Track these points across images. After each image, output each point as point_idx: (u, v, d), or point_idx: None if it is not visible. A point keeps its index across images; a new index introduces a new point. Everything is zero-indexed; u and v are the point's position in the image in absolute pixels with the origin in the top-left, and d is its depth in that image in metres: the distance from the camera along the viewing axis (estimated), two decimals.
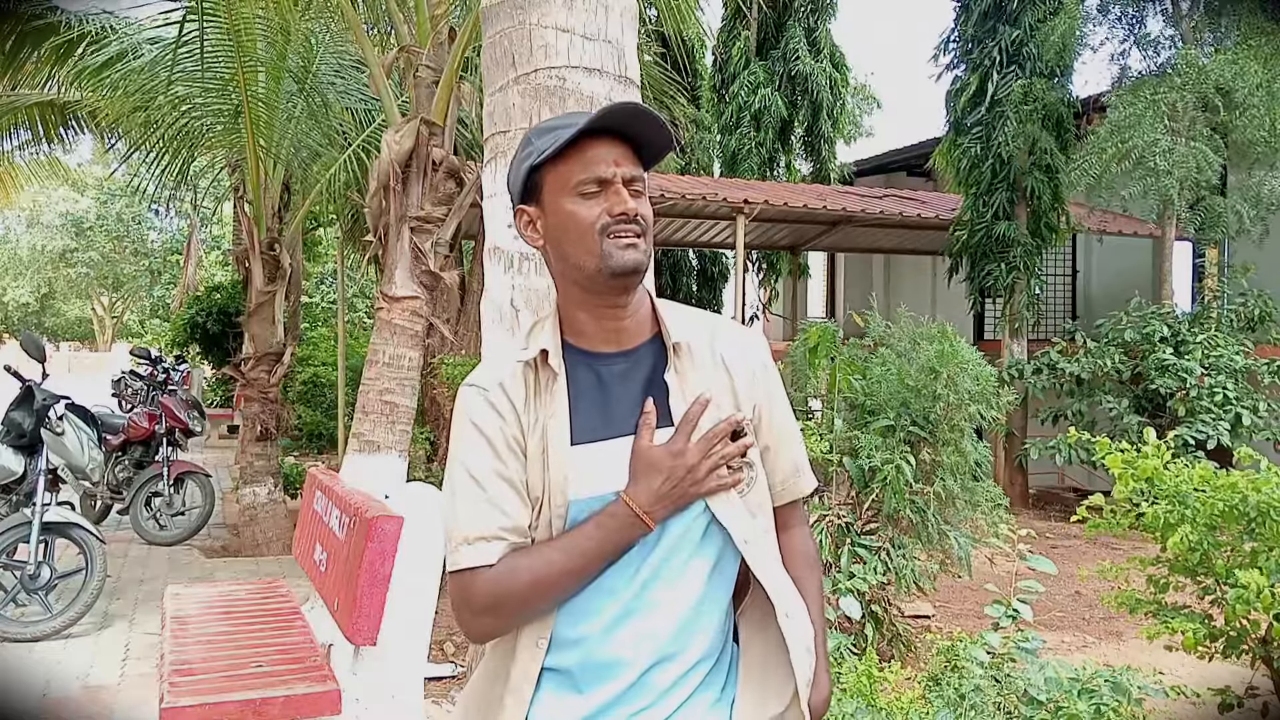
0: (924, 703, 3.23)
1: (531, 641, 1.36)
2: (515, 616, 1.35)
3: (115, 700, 4.33)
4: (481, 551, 1.33)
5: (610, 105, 1.38)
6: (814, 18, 14.47)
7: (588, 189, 1.37)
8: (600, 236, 1.36)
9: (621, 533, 1.29)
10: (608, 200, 1.36)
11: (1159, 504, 3.42)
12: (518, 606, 1.33)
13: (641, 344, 1.44)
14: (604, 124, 1.36)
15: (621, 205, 1.36)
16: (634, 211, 1.36)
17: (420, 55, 5.56)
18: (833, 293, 17.28)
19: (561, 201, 1.39)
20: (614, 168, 1.37)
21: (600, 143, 1.37)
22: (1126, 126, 8.54)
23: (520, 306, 2.78)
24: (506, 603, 1.33)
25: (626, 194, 1.37)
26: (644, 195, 1.41)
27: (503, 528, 1.33)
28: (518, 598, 1.32)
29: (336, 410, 10.86)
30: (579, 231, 1.37)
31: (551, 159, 1.38)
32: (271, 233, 7.57)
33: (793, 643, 1.42)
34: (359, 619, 2.99)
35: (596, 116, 1.36)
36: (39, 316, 41.46)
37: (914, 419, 4.69)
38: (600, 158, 1.37)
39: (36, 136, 10.58)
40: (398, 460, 5.24)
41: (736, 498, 1.40)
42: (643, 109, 1.38)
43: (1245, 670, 3.60)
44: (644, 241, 1.38)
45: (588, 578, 1.31)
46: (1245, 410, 8.32)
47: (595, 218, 1.36)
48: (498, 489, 1.35)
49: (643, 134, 1.39)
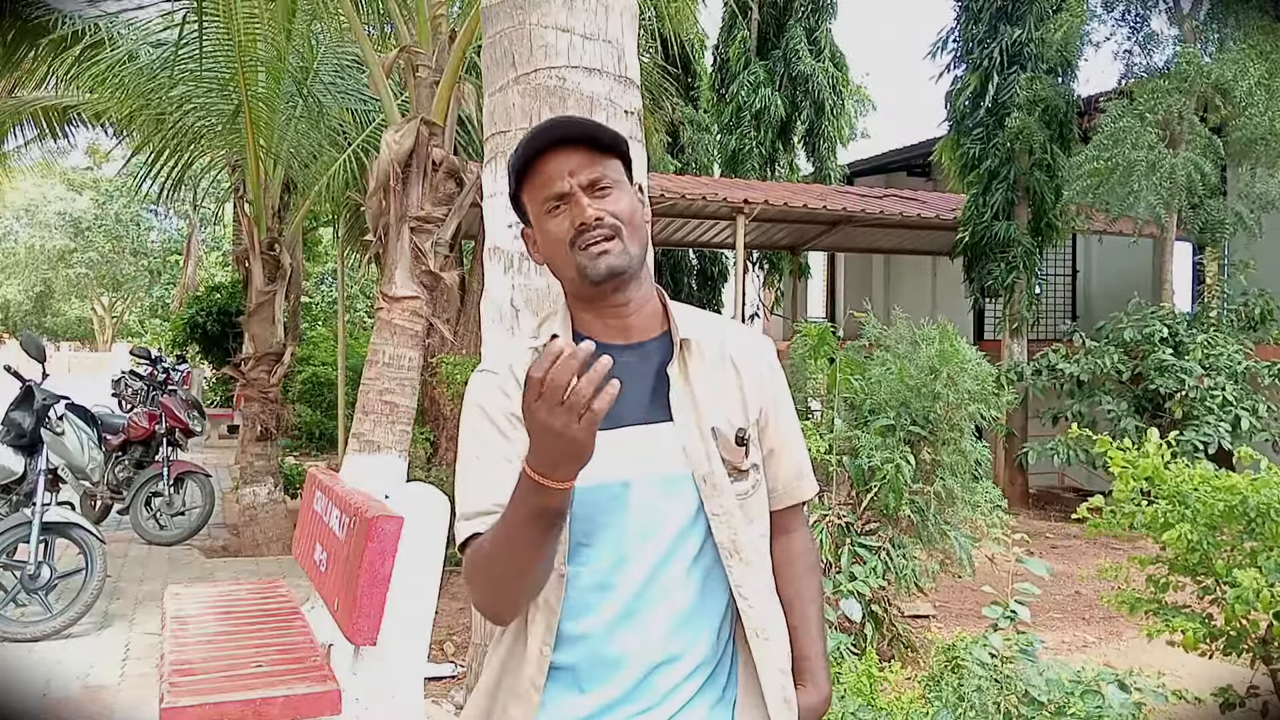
0: (924, 703, 3.23)
1: (537, 647, 1.36)
2: (487, 590, 1.31)
3: (115, 700, 4.33)
4: (474, 526, 1.34)
5: (531, 130, 1.39)
6: (814, 18, 14.47)
7: (553, 205, 1.38)
8: (573, 250, 1.37)
9: (529, 497, 1.17)
10: (570, 213, 1.37)
11: (1159, 503, 3.42)
12: (482, 578, 1.30)
13: (651, 339, 1.44)
14: (540, 144, 1.37)
15: (580, 215, 1.35)
16: (593, 217, 1.35)
17: (420, 55, 5.56)
18: (833, 293, 17.28)
19: (540, 221, 1.41)
20: (568, 179, 1.36)
21: (553, 156, 1.37)
22: (1119, 138, 8.55)
23: (520, 306, 2.79)
24: (474, 575, 1.32)
25: (585, 202, 1.36)
26: (614, 190, 1.38)
27: (497, 503, 1.30)
28: (478, 568, 1.30)
29: (336, 410, 10.86)
30: (556, 248, 1.39)
31: (521, 183, 1.41)
32: (271, 233, 7.57)
33: (762, 667, 1.42)
34: (359, 619, 2.99)
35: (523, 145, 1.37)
36: (38, 316, 41.45)
37: (914, 418, 4.69)
38: (553, 173, 1.37)
39: (41, 134, 10.57)
40: (398, 460, 5.24)
41: (734, 498, 1.40)
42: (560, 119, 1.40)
43: (1245, 670, 3.60)
44: (619, 241, 1.37)
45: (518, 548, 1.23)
46: (1244, 412, 8.31)
47: (564, 233, 1.37)
48: (497, 468, 1.34)
49: (588, 132, 1.38)
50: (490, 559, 1.27)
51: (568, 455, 1.12)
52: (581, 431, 1.09)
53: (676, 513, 1.38)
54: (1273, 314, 9.29)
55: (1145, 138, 8.46)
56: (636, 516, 1.37)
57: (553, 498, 1.16)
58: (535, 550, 1.23)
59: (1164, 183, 8.41)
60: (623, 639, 1.36)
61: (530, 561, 1.25)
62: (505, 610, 1.35)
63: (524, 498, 1.18)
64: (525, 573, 1.27)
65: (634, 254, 1.39)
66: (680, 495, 1.39)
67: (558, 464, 1.13)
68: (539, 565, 1.26)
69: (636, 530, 1.37)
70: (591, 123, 1.40)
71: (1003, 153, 9.78)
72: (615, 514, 1.36)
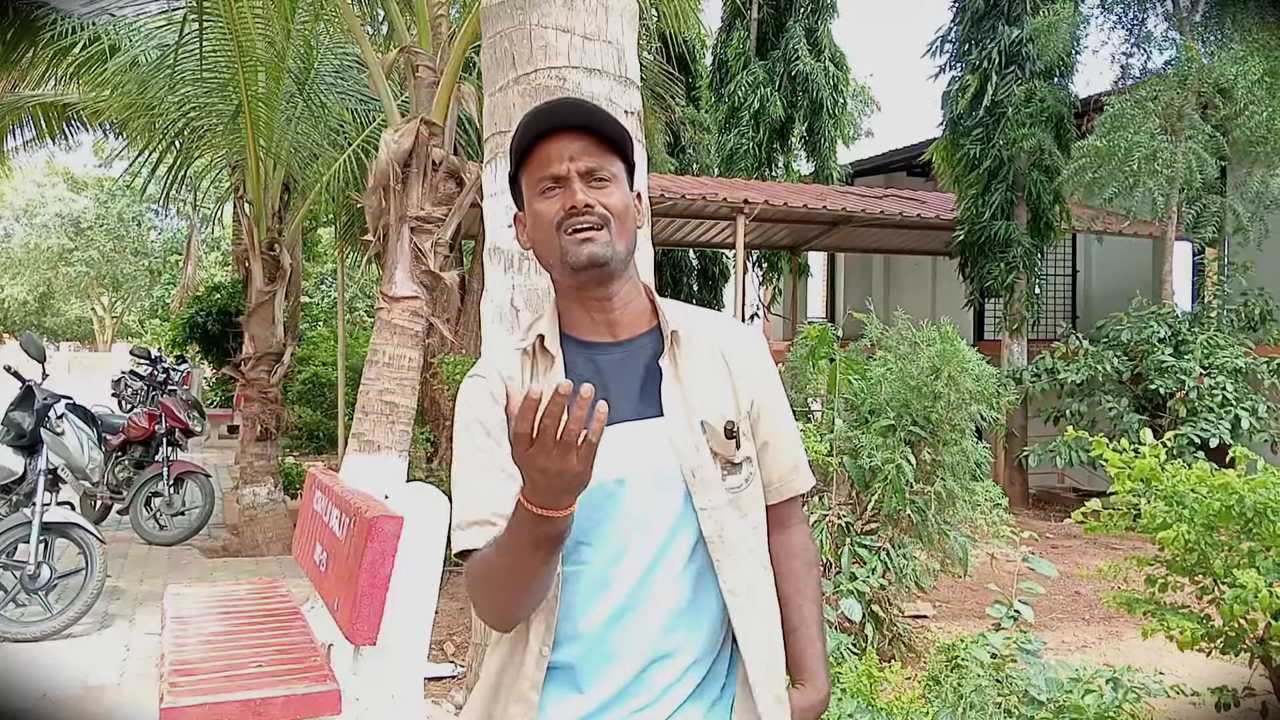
0: (924, 703, 3.23)
1: (537, 647, 1.36)
2: (489, 606, 1.32)
3: (115, 700, 4.33)
4: (471, 536, 1.34)
5: (536, 108, 1.38)
6: (814, 17, 14.46)
7: (546, 186, 1.38)
8: (558, 233, 1.37)
9: (531, 528, 1.18)
10: (562, 196, 1.36)
11: (1156, 503, 3.43)
12: (483, 595, 1.32)
13: (639, 335, 1.44)
14: (548, 124, 1.36)
15: (571, 198, 1.35)
16: (584, 203, 1.35)
17: (420, 55, 5.56)
18: (833, 293, 17.28)
19: (532, 203, 1.41)
20: (568, 163, 1.36)
21: (557, 139, 1.37)
22: (1118, 129, 8.54)
23: (520, 306, 2.79)
24: (475, 590, 1.33)
25: (577, 186, 1.36)
26: (610, 183, 1.38)
27: (495, 512, 1.31)
28: (479, 585, 1.31)
29: (336, 410, 10.87)
30: (543, 230, 1.39)
31: (520, 163, 1.40)
32: (271, 233, 7.57)
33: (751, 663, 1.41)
34: (359, 619, 2.99)
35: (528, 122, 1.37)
36: (38, 316, 41.44)
37: (914, 419, 4.70)
38: (555, 154, 1.37)
39: (41, 135, 10.57)
40: (398, 460, 5.24)
41: (723, 492, 1.39)
42: (569, 102, 1.38)
43: (1243, 669, 3.61)
44: (605, 233, 1.36)
45: (522, 571, 1.24)
46: (1244, 412, 8.32)
47: (554, 215, 1.37)
48: (492, 475, 1.35)
49: (598, 123, 1.38)
50: (490, 578, 1.28)
51: (569, 489, 1.13)
52: (580, 464, 1.10)
53: (669, 508, 1.38)
54: (1273, 314, 9.29)
55: (1148, 124, 8.46)
56: (632, 512, 1.36)
57: (556, 525, 1.17)
58: (538, 570, 1.24)
59: (1164, 170, 8.40)
60: (618, 636, 1.36)
61: (533, 580, 1.26)
62: (508, 622, 1.36)
63: (525, 527, 1.18)
64: (528, 590, 1.28)
65: (619, 249, 1.38)
66: (672, 490, 1.38)
67: (559, 496, 1.14)
68: (541, 582, 1.27)
69: (632, 526, 1.37)
70: (601, 113, 1.39)
71: (1001, 153, 9.78)
72: (611, 511, 1.36)
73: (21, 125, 10.50)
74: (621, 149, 1.41)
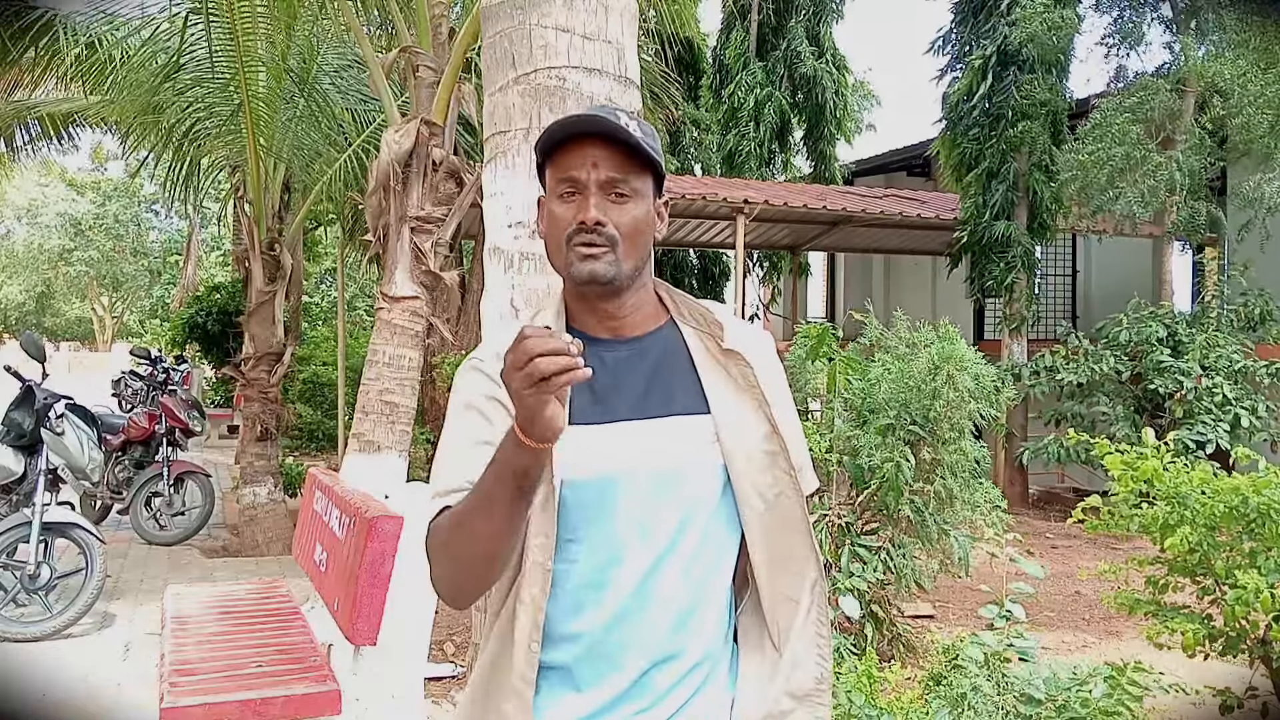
0: (924, 703, 3.23)
1: (524, 643, 1.34)
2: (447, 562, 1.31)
3: (115, 700, 4.33)
4: (447, 500, 1.32)
5: (577, 114, 1.36)
6: (817, 20, 14.46)
7: (565, 190, 1.36)
8: (566, 244, 1.36)
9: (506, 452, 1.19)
10: (578, 207, 1.35)
11: (1158, 505, 3.42)
12: (442, 548, 1.30)
13: (648, 333, 1.44)
14: (578, 130, 1.34)
15: (583, 214, 1.34)
16: (594, 221, 1.33)
17: (420, 55, 5.56)
18: (833, 293, 17.28)
19: (549, 201, 1.40)
20: (590, 170, 1.34)
21: (586, 144, 1.35)
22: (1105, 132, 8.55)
23: (520, 306, 2.79)
24: (435, 545, 1.31)
25: (593, 202, 1.34)
26: (630, 200, 1.36)
27: (469, 480, 1.29)
28: (441, 538, 1.30)
29: (336, 410, 10.86)
30: (554, 235, 1.38)
31: (547, 156, 1.39)
32: (271, 233, 7.57)
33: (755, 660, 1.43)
34: (359, 619, 2.99)
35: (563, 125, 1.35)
36: (38, 316, 41.43)
37: (913, 418, 4.69)
38: (579, 159, 1.34)
39: (45, 134, 10.56)
40: (398, 460, 5.24)
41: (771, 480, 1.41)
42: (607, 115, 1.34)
43: (1245, 670, 3.60)
44: (612, 253, 1.35)
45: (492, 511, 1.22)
46: (1244, 412, 8.31)
47: (566, 225, 1.36)
48: (477, 452, 1.31)
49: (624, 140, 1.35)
50: (457, 525, 1.27)
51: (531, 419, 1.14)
52: (532, 398, 1.12)
53: (672, 509, 1.37)
54: (1272, 314, 9.29)
55: (1130, 133, 8.47)
56: (627, 513, 1.35)
57: (525, 455, 1.17)
58: (500, 516, 1.22)
59: (1145, 180, 8.41)
60: (620, 638, 1.35)
61: (493, 530, 1.23)
62: (462, 588, 1.33)
63: (502, 453, 1.19)
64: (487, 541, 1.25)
65: (624, 269, 1.36)
66: (675, 491, 1.37)
67: (531, 422, 1.14)
68: (501, 542, 1.25)
69: (628, 527, 1.35)
70: (634, 137, 1.35)
71: (1001, 153, 9.77)
72: (603, 510, 1.35)
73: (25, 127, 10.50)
74: (652, 164, 1.38)
